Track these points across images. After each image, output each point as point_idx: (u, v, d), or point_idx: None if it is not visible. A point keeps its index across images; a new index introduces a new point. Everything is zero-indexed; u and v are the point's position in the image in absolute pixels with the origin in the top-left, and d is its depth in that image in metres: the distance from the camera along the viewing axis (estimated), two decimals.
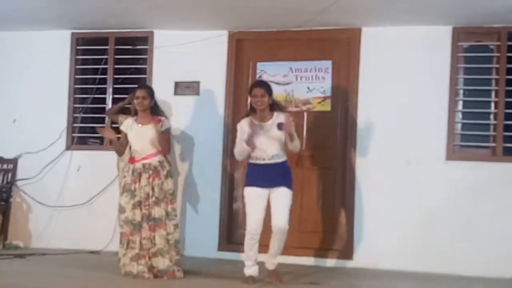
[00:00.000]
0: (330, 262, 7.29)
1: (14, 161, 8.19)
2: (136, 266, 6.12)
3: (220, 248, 7.64)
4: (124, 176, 6.37)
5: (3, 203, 7.98)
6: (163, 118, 6.41)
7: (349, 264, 7.25)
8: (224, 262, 7.26)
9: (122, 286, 5.70)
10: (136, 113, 6.51)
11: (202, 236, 7.61)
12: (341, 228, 7.41)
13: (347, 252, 7.32)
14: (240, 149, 5.96)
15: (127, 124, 6.44)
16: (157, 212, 6.21)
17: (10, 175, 8.16)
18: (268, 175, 5.91)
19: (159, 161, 6.32)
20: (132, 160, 6.37)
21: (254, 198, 5.93)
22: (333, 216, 7.42)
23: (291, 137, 5.83)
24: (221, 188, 7.70)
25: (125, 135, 6.44)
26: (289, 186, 5.94)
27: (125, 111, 7.33)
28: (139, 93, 6.38)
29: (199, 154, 7.75)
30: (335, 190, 7.43)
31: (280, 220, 5.83)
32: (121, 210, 6.25)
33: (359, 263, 7.23)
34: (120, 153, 6.61)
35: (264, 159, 5.93)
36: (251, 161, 6.02)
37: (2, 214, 8.00)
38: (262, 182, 5.91)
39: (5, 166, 8.21)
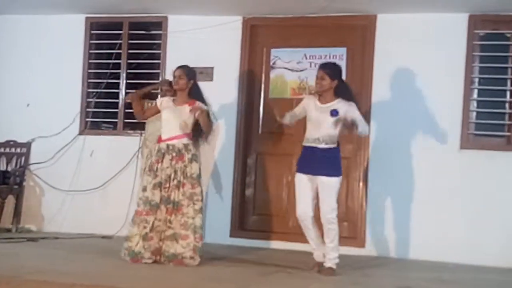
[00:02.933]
0: (343, 250, 7.25)
1: (28, 145, 8.21)
2: (141, 245, 6.00)
3: (232, 234, 7.64)
4: (151, 156, 6.29)
5: (16, 186, 8.01)
6: (197, 103, 6.19)
7: (361, 252, 7.24)
8: (236, 248, 7.26)
9: (132, 271, 5.71)
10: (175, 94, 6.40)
11: (214, 222, 7.61)
12: (353, 216, 7.40)
13: (359, 240, 7.31)
14: (287, 118, 6.00)
15: (164, 101, 6.35)
16: (177, 195, 6.09)
17: (23, 159, 8.19)
18: (312, 161, 5.84)
19: (184, 144, 6.18)
20: (159, 139, 6.28)
21: (299, 184, 5.91)
22: (346, 204, 7.40)
23: (351, 130, 5.73)
24: (233, 174, 7.70)
25: (155, 109, 6.39)
26: (333, 174, 5.82)
27: (152, 97, 7.38)
28: (176, 72, 6.28)
29: (212, 140, 7.72)
30: (348, 177, 7.40)
31: (324, 209, 5.81)
32: (143, 188, 6.15)
33: (371, 251, 7.23)
34: (138, 116, 6.53)
35: (308, 141, 5.88)
36: (303, 143, 5.96)
37: (15, 197, 8.03)
38: (307, 168, 5.86)
39: (18, 150, 8.24)
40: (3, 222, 7.86)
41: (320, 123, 5.81)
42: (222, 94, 7.71)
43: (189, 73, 6.31)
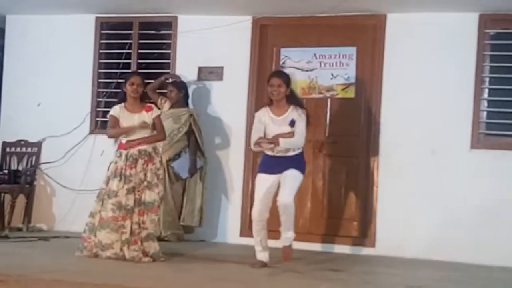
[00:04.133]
0: (352, 249, 7.27)
1: (38, 145, 8.25)
2: (128, 252, 6.04)
3: (242, 234, 7.63)
4: (115, 162, 6.30)
5: (27, 186, 8.04)
6: (153, 106, 6.42)
7: (371, 251, 7.23)
8: (246, 247, 7.26)
9: (140, 270, 5.72)
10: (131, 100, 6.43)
11: (224, 222, 7.62)
12: (363, 215, 7.38)
13: (369, 240, 7.30)
14: (255, 144, 6.00)
15: (118, 111, 6.38)
16: (149, 196, 6.17)
17: (34, 158, 8.23)
18: (277, 165, 5.91)
19: (153, 148, 6.32)
20: (125, 146, 6.28)
21: (259, 183, 5.97)
22: (355, 203, 7.40)
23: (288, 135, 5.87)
24: (243, 174, 7.70)
25: (117, 120, 6.39)
26: (297, 168, 5.91)
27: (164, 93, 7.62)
28: (135, 79, 6.35)
29: (222, 140, 7.76)
30: (358, 177, 7.40)
31: (281, 195, 5.82)
32: (113, 194, 6.15)
33: (380, 251, 7.21)
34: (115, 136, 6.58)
35: (273, 151, 5.94)
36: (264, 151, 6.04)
37: (26, 197, 8.06)
38: (271, 169, 5.93)
39: (29, 150, 8.28)
40: (14, 221, 7.90)
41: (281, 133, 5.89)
42: (231, 94, 7.73)
43: (143, 81, 6.47)
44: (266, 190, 5.91)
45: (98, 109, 8.23)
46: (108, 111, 8.11)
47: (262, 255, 6.01)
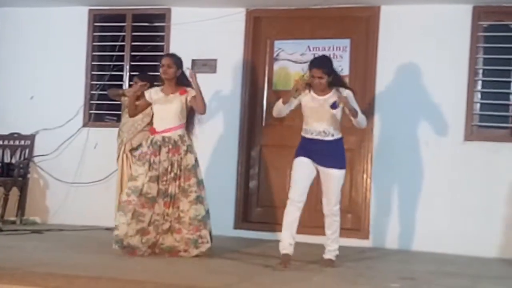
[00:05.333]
0: (346, 241, 7.27)
1: (32, 138, 8.23)
2: (138, 239, 5.93)
3: (236, 226, 7.65)
4: (142, 146, 6.25)
5: (20, 179, 8.03)
6: (188, 89, 6.16)
7: (364, 243, 7.24)
8: (240, 240, 7.27)
9: (134, 263, 5.72)
10: (163, 82, 6.27)
11: (218, 214, 7.59)
12: (357, 208, 7.40)
13: (362, 232, 7.31)
14: (278, 105, 5.84)
15: (153, 93, 6.22)
16: (174, 188, 6.03)
17: (27, 151, 8.22)
18: (315, 150, 5.72)
19: (180, 135, 6.12)
20: (153, 131, 6.18)
21: (300, 165, 5.74)
22: (349, 196, 7.40)
23: (351, 112, 5.59)
24: (237, 166, 7.71)
25: (146, 102, 6.26)
26: (338, 166, 5.74)
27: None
28: (164, 61, 6.17)
29: (215, 132, 7.74)
30: (353, 170, 7.40)
31: (329, 202, 5.74)
32: (131, 178, 6.08)
33: (374, 243, 7.23)
34: (132, 113, 6.42)
35: (312, 134, 5.75)
36: (302, 133, 5.84)
37: (20, 190, 8.05)
38: (309, 154, 5.73)
39: (22, 143, 8.27)
40: (7, 214, 7.91)
41: (321, 115, 5.70)
42: (225, 86, 7.72)
43: (178, 62, 6.23)
44: (306, 172, 5.72)
45: (92, 101, 8.22)
46: (101, 104, 8.16)
47: (287, 243, 5.68)
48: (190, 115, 6.28)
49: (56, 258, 5.74)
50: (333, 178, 5.73)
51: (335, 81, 5.78)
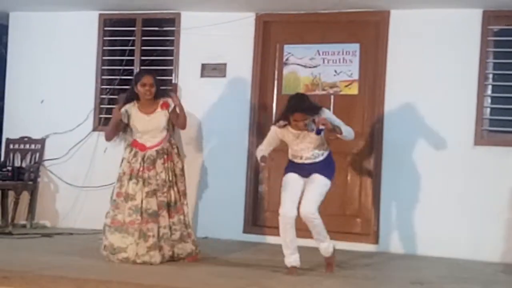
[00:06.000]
0: (355, 246, 7.27)
1: (42, 142, 8.26)
2: (157, 255, 5.84)
3: (245, 230, 7.64)
4: (130, 163, 6.04)
5: (30, 182, 8.05)
6: (167, 100, 6.07)
7: (374, 248, 7.23)
8: (249, 244, 7.27)
9: (144, 266, 5.73)
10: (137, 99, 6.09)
11: (227, 219, 7.62)
12: (366, 212, 7.39)
13: (372, 236, 7.30)
14: (258, 154, 5.89)
15: (129, 112, 6.06)
16: (173, 196, 6.01)
17: (37, 155, 8.24)
18: (305, 170, 5.71)
19: (169, 142, 6.12)
20: (141, 147, 6.06)
21: (288, 181, 5.73)
22: (358, 200, 7.40)
23: (334, 132, 5.53)
24: (246, 170, 7.70)
25: (123, 124, 6.12)
26: (324, 174, 5.68)
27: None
28: (146, 80, 5.95)
29: (225, 136, 7.75)
30: (362, 174, 7.39)
31: (302, 204, 5.60)
32: (129, 197, 5.93)
33: (383, 248, 7.21)
34: (109, 139, 6.28)
35: (301, 158, 5.73)
36: (289, 157, 5.85)
37: (30, 193, 8.08)
38: (299, 171, 5.72)
39: (32, 146, 8.29)
40: (17, 218, 7.94)
41: (307, 142, 5.67)
42: (235, 90, 7.72)
43: (156, 79, 6.10)
44: (295, 188, 5.68)
45: (102, 106, 8.23)
46: (111, 108, 8.16)
47: (292, 259, 5.64)
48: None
49: (66, 262, 5.77)
50: (315, 181, 5.65)
51: (309, 112, 5.63)
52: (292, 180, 5.73)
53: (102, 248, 6.01)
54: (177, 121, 6.14)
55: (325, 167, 5.75)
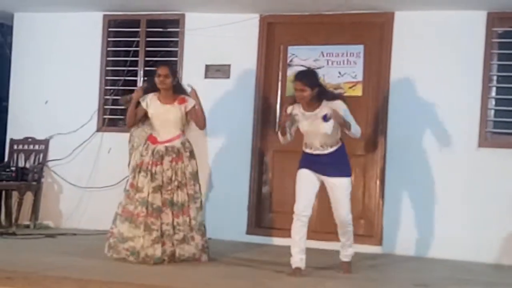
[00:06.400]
0: (359, 247, 7.25)
1: (46, 142, 8.27)
2: (160, 248, 5.89)
3: (249, 231, 7.64)
4: (142, 155, 6.14)
5: (34, 183, 8.07)
6: (187, 98, 6.18)
7: (377, 249, 7.22)
8: (252, 245, 7.27)
9: (146, 267, 5.73)
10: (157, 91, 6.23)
11: (231, 220, 7.62)
12: (370, 214, 7.38)
13: (376, 238, 7.29)
14: (280, 138, 5.92)
15: (149, 100, 6.19)
16: (180, 197, 6.03)
17: (41, 155, 8.25)
18: (318, 163, 5.69)
19: (182, 143, 6.16)
20: (153, 140, 6.18)
21: (302, 178, 5.72)
22: (362, 202, 7.39)
23: (344, 126, 5.58)
24: (250, 171, 7.70)
25: (143, 111, 6.22)
26: (342, 174, 5.69)
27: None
28: (161, 70, 6.11)
29: (229, 137, 7.75)
30: (365, 176, 7.39)
31: (340, 213, 5.68)
32: (138, 189, 6.01)
33: (387, 249, 7.20)
34: (130, 123, 6.37)
35: (311, 148, 5.74)
36: (303, 148, 5.85)
37: (34, 194, 8.09)
38: (312, 166, 5.71)
39: (36, 147, 8.30)
40: (21, 218, 7.94)
41: (316, 131, 5.66)
42: (238, 91, 7.73)
43: (173, 71, 6.25)
44: (310, 185, 5.70)
45: (106, 106, 8.25)
46: (115, 109, 8.19)
47: (298, 259, 5.63)
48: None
49: (69, 262, 5.77)
50: (339, 187, 5.68)
51: (322, 95, 5.71)
52: (306, 177, 5.73)
53: (109, 236, 6.05)
54: (196, 120, 6.24)
55: (339, 163, 5.74)
